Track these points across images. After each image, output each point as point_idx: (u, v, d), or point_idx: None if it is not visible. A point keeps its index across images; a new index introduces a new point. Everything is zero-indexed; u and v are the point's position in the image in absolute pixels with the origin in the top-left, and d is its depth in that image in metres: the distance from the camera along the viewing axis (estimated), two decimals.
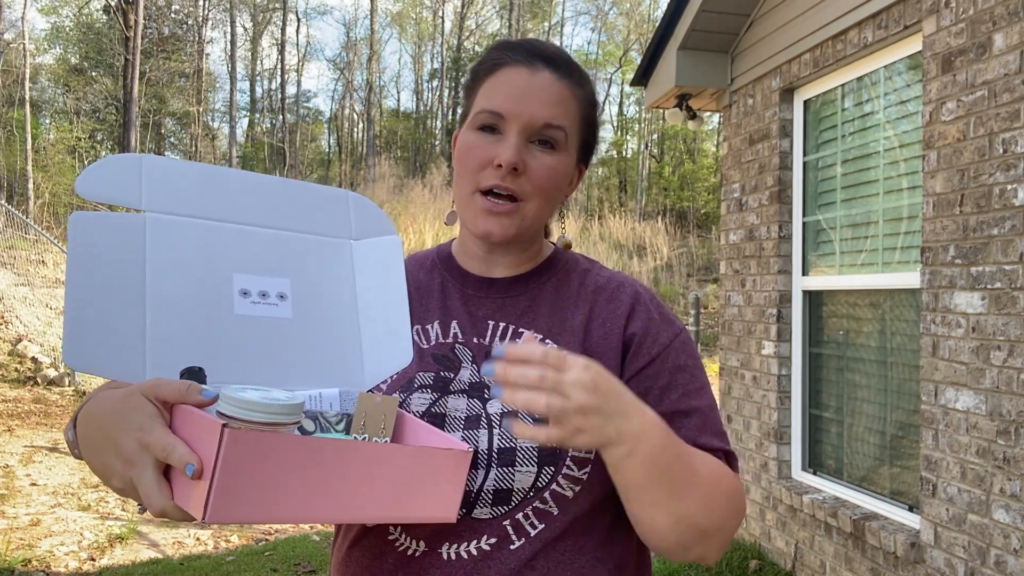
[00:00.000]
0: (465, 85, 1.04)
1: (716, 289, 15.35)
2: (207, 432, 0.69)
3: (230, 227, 0.92)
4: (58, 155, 23.07)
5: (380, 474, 0.77)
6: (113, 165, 0.87)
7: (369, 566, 0.95)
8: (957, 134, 2.96)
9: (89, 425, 0.83)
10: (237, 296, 0.90)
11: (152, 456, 0.72)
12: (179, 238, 0.88)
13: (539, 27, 35.82)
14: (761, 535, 4.31)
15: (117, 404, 0.77)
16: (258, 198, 0.95)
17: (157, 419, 0.73)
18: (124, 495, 0.78)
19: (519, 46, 0.99)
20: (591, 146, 1.06)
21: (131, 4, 22.85)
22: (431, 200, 20.89)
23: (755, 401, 4.36)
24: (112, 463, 0.76)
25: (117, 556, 4.46)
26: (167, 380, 0.76)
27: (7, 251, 12.29)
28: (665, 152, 30.49)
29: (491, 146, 0.96)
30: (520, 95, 0.95)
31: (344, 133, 36.26)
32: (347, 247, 0.99)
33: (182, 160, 0.93)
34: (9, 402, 8.52)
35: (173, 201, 0.89)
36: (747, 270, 4.47)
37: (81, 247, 0.82)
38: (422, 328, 1.04)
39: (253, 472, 0.70)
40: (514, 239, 0.99)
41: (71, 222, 0.83)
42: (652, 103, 5.14)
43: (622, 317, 1.01)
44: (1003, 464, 2.74)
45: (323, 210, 0.99)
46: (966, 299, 2.91)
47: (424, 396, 0.97)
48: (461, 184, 0.99)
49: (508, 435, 0.93)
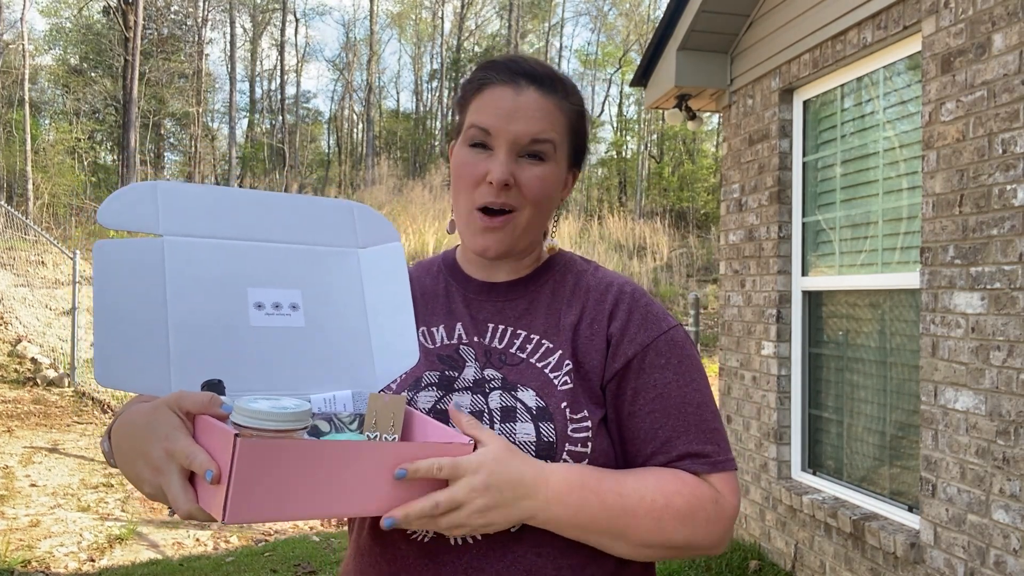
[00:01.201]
0: (456, 100, 1.10)
1: (716, 289, 15.36)
2: (223, 441, 0.76)
3: (242, 244, 0.99)
4: (58, 156, 23.06)
5: (383, 470, 0.83)
6: (130, 195, 0.94)
7: (382, 552, 0.99)
8: (956, 134, 2.97)
9: (121, 437, 0.91)
10: (252, 309, 0.97)
11: (177, 464, 0.79)
12: (195, 258, 0.95)
13: (539, 27, 35.82)
14: (761, 535, 4.32)
15: (145, 417, 0.85)
16: (267, 215, 1.02)
17: (181, 429, 0.81)
18: (155, 500, 0.85)
19: (503, 66, 1.03)
20: (581, 152, 1.11)
21: (131, 5, 22.86)
22: (431, 200, 20.90)
23: (755, 401, 4.36)
24: (142, 471, 0.84)
25: (117, 557, 4.46)
26: (190, 393, 0.83)
27: (7, 252, 12.29)
28: (665, 152, 30.50)
29: (483, 163, 1.01)
30: (506, 114, 1.00)
31: (344, 134, 36.26)
32: (354, 256, 1.06)
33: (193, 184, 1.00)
34: (8, 403, 8.51)
35: (188, 223, 0.96)
36: (747, 270, 4.47)
37: (105, 273, 0.89)
38: (428, 330, 1.09)
39: (265, 475, 0.76)
40: (508, 252, 1.04)
41: (95, 250, 0.90)
42: (652, 103, 5.14)
43: (605, 319, 1.04)
44: (1003, 464, 2.74)
45: (329, 222, 1.06)
46: (966, 299, 2.91)
47: (430, 394, 1.02)
48: (459, 200, 1.05)
49: (507, 430, 0.97)
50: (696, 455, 0.99)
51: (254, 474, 0.75)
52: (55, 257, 12.28)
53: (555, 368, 1.01)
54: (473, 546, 0.95)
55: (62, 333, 10.52)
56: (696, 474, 0.99)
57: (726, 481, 0.99)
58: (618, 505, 0.92)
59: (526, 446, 0.96)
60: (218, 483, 0.75)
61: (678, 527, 0.94)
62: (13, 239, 12.65)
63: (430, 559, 0.96)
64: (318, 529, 5.13)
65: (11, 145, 22.98)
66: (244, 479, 0.74)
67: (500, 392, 1.00)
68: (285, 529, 5.08)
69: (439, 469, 0.84)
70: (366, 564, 1.01)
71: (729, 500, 0.99)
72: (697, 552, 0.97)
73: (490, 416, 0.98)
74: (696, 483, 0.97)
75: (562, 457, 0.96)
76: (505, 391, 1.00)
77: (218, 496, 0.75)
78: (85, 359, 9.77)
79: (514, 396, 0.99)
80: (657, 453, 0.99)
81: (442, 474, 0.84)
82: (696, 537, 0.95)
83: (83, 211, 19.41)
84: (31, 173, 20.37)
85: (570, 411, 0.98)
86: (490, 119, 1.00)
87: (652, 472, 0.97)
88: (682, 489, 0.96)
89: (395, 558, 0.98)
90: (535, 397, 0.98)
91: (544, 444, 0.96)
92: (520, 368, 1.02)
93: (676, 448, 0.99)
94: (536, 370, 1.01)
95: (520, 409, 0.98)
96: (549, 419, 0.97)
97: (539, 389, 0.99)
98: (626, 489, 0.94)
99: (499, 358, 1.03)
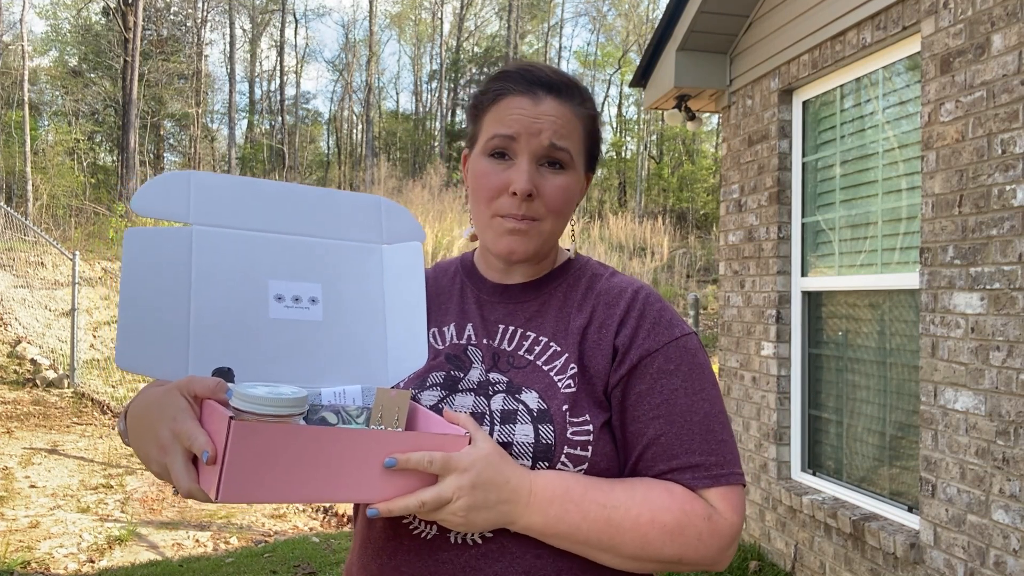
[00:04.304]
0: (469, 110, 1.10)
1: (715, 290, 15.36)
2: (220, 423, 0.79)
3: (268, 236, 1.01)
4: (57, 157, 23.05)
5: (374, 458, 0.84)
6: (165, 184, 0.96)
7: (384, 546, 1.00)
8: (956, 135, 2.97)
9: (135, 417, 0.96)
10: (272, 301, 0.99)
11: (182, 444, 0.82)
12: (221, 249, 0.97)
13: (538, 28, 35.83)
14: (761, 536, 4.31)
15: (158, 399, 0.89)
16: (294, 208, 1.03)
17: (187, 412, 0.84)
18: (161, 478, 0.88)
19: (518, 75, 1.04)
20: (595, 155, 1.12)
21: (130, 6, 22.84)
22: (430, 201, 20.89)
23: (754, 402, 4.36)
24: (151, 450, 0.88)
25: (116, 558, 4.46)
26: (199, 378, 0.87)
27: (6, 253, 12.29)
28: (664, 153, 30.50)
29: (504, 173, 1.01)
30: (525, 124, 1.01)
31: (343, 134, 36.24)
32: (377, 252, 1.08)
33: (226, 175, 1.01)
34: (8, 404, 8.51)
35: (217, 214, 0.98)
36: (746, 271, 4.47)
37: (133, 260, 0.91)
38: (439, 330, 1.10)
39: (258, 458, 0.78)
40: (534, 256, 1.05)
41: (126, 237, 0.92)
42: (651, 104, 5.14)
43: (614, 324, 1.03)
44: (1002, 464, 2.74)
45: (356, 217, 1.07)
46: (965, 300, 2.91)
47: (433, 393, 1.03)
48: (479, 210, 1.05)
49: (506, 432, 0.97)
50: (696, 467, 0.96)
51: (247, 456, 0.77)
52: (54, 258, 12.27)
53: (560, 371, 1.01)
54: (473, 546, 0.95)
55: (62, 334, 10.51)
56: (694, 488, 0.96)
57: (725, 496, 0.96)
58: (601, 518, 0.92)
59: (524, 448, 0.95)
60: (214, 464, 0.78)
61: (666, 543, 0.93)
62: (12, 240, 12.65)
63: (430, 556, 0.96)
64: (318, 530, 5.13)
65: (10, 146, 22.97)
66: (237, 460, 0.77)
67: (504, 396, 0.99)
68: (285, 530, 5.08)
69: (430, 463, 0.85)
70: (369, 556, 1.02)
71: (726, 517, 0.96)
72: (694, 567, 0.96)
73: (491, 418, 0.98)
74: (687, 498, 0.95)
75: (560, 459, 0.95)
76: (509, 395, 0.99)
77: (212, 476, 0.78)
78: (84, 360, 9.76)
79: (517, 399, 0.99)
80: (657, 461, 0.97)
81: (433, 468, 0.85)
82: (687, 553, 0.94)
83: (82, 212, 19.39)
84: (30, 174, 20.36)
85: (570, 414, 0.97)
86: (510, 128, 1.01)
87: (642, 484, 0.96)
88: (671, 505, 0.94)
89: (396, 551, 0.98)
90: (538, 399, 0.98)
91: (542, 446, 0.95)
92: (526, 371, 1.01)
93: (677, 457, 0.97)
94: (541, 372, 1.01)
95: (521, 411, 0.97)
96: (549, 421, 0.96)
97: (542, 391, 0.99)
98: (612, 502, 0.93)
99: (506, 361, 1.03)
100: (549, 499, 0.91)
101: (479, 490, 0.87)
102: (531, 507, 0.91)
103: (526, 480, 0.91)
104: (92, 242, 15.40)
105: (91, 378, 9.57)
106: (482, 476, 0.87)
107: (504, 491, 0.89)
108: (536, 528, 0.92)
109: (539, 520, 0.91)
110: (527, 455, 0.95)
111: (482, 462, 0.88)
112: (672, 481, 0.97)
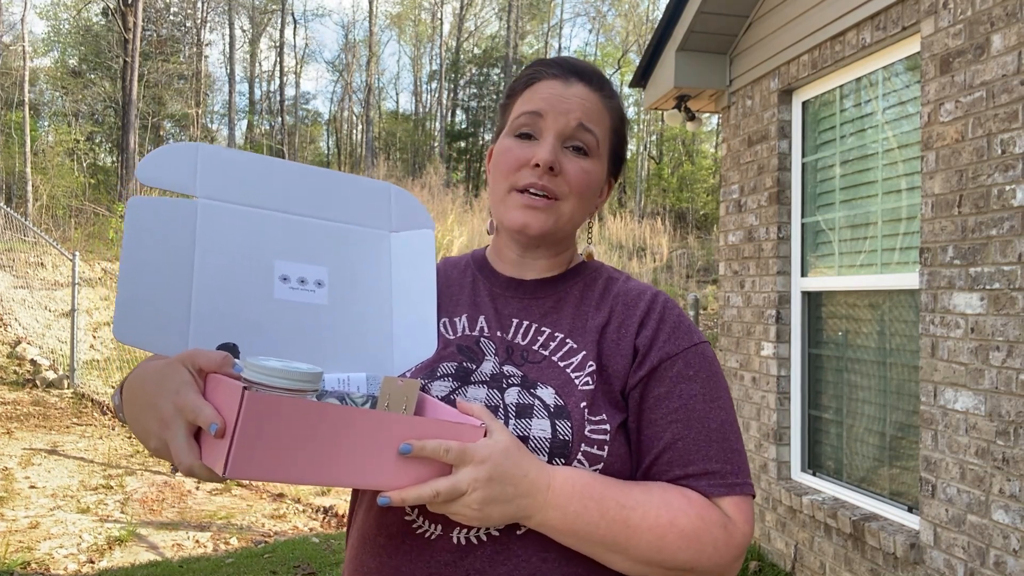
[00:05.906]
0: (501, 104, 1.11)
1: (715, 290, 15.35)
2: (231, 394, 0.75)
3: (276, 215, 0.97)
4: (57, 157, 23.04)
5: (390, 442, 0.81)
6: (171, 154, 0.93)
7: (384, 545, 0.97)
8: (956, 135, 2.97)
9: (133, 390, 0.92)
10: (277, 281, 0.96)
11: (184, 418, 0.78)
12: (227, 224, 0.94)
13: (538, 28, 35.83)
14: (761, 536, 4.31)
15: (158, 371, 0.85)
16: (304, 188, 1.00)
17: (191, 385, 0.80)
18: (159, 456, 0.84)
19: (553, 62, 1.06)
20: (621, 159, 1.12)
21: (130, 6, 22.84)
22: (430, 201, 20.89)
23: (754, 402, 4.36)
24: (150, 424, 0.84)
25: (116, 558, 4.46)
26: (204, 351, 0.83)
27: (6, 253, 12.28)
28: (664, 153, 30.50)
29: (528, 149, 1.01)
30: (555, 102, 1.02)
31: (343, 135, 36.24)
32: (386, 239, 1.05)
33: (235, 150, 0.98)
34: (8, 404, 8.51)
35: (224, 188, 0.95)
36: (746, 271, 4.47)
37: (136, 230, 0.88)
38: (449, 320, 1.07)
39: (270, 432, 0.74)
40: (549, 235, 1.04)
41: (129, 206, 0.88)
42: (651, 104, 5.14)
43: (635, 325, 1.03)
44: (1002, 465, 2.74)
45: (365, 202, 1.04)
46: (965, 300, 2.91)
47: (445, 384, 1.00)
48: (497, 185, 1.04)
49: (522, 426, 0.95)
50: (712, 474, 0.96)
51: (259, 429, 0.74)
52: (54, 259, 12.27)
53: (577, 368, 0.99)
54: (477, 546, 0.93)
55: (61, 335, 10.51)
56: (709, 495, 0.95)
57: (739, 506, 0.96)
58: (620, 517, 0.90)
59: (541, 443, 0.93)
60: (222, 437, 0.74)
61: (681, 548, 0.91)
62: (12, 241, 12.64)
63: (432, 557, 0.93)
64: (318, 530, 5.13)
65: (10, 147, 22.97)
66: (249, 432, 0.73)
67: (519, 389, 0.97)
68: (285, 530, 5.08)
69: (446, 452, 0.82)
70: (368, 554, 0.98)
71: (740, 527, 0.95)
72: (697, 572, 0.93)
73: (505, 411, 0.96)
74: (704, 505, 0.94)
75: (577, 457, 0.94)
76: (524, 388, 0.97)
77: (220, 449, 0.75)
78: (84, 361, 9.76)
79: (532, 394, 0.97)
80: (673, 465, 0.96)
81: (448, 457, 0.82)
82: (701, 561, 0.92)
83: (82, 213, 19.38)
84: (30, 175, 20.35)
85: (589, 412, 0.96)
86: (539, 105, 1.02)
87: (660, 487, 0.95)
88: (688, 509, 0.93)
89: (397, 551, 0.96)
90: (554, 395, 0.96)
91: (559, 442, 0.93)
92: (541, 366, 1.00)
93: (693, 463, 0.96)
94: (558, 368, 0.99)
95: (537, 406, 0.95)
96: (567, 417, 0.95)
97: (559, 388, 0.97)
98: (630, 502, 0.91)
99: (520, 355, 1.02)
100: (568, 495, 0.89)
101: (496, 483, 0.84)
102: (549, 502, 0.88)
103: (545, 475, 0.89)
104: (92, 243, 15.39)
105: (91, 379, 9.57)
106: (499, 468, 0.84)
107: (522, 485, 0.86)
108: (553, 524, 0.89)
109: (557, 516, 0.88)
110: (543, 450, 0.93)
111: (500, 455, 0.85)
112: (687, 487, 0.96)
